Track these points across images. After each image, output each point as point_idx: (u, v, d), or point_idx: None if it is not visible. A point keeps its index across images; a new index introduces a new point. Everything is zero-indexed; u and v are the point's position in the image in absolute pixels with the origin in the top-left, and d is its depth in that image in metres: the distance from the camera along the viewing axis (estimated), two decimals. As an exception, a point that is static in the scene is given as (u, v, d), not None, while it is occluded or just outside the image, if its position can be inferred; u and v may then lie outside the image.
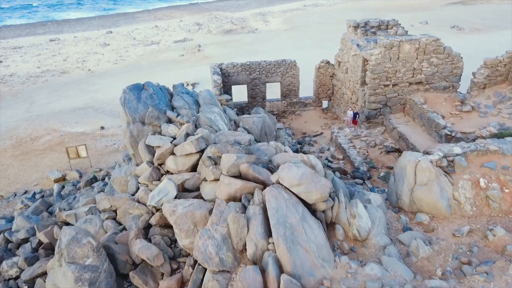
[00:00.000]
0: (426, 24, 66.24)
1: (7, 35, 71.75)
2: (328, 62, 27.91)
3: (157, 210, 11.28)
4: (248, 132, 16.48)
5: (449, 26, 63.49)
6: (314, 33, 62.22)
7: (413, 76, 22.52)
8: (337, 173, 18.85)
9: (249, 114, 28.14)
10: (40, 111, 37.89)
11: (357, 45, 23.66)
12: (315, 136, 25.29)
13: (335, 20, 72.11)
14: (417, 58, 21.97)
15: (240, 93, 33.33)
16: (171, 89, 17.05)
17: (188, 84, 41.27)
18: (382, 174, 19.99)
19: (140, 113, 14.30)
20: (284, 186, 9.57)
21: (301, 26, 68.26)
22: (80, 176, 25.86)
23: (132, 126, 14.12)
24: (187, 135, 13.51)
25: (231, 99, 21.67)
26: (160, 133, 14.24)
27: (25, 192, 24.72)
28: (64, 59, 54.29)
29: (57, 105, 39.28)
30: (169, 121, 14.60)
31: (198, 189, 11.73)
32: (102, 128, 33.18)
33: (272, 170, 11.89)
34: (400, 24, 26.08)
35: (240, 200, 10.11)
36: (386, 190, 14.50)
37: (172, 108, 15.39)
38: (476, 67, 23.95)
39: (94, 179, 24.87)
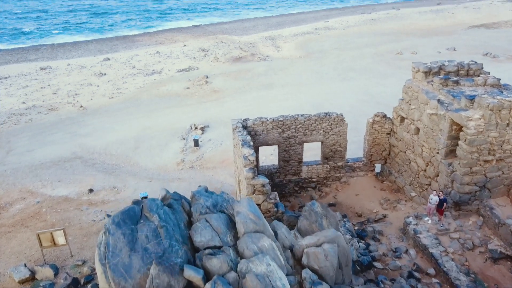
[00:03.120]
0: (454, 51, 60.37)
1: (-5, 62, 65.75)
2: (384, 116, 21.37)
3: None
4: (319, 277, 9.73)
5: (481, 53, 57.48)
6: (332, 61, 56.13)
7: (525, 148, 15.96)
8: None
9: (281, 185, 21.51)
10: (17, 163, 31.19)
11: (438, 100, 17.14)
12: (376, 221, 18.53)
13: (353, 45, 66.24)
14: (533, 124, 15.44)
15: (268, 153, 26.91)
16: (188, 197, 10.41)
17: (196, 128, 34.71)
18: (505, 308, 13.13)
19: (135, 277, 7.58)
20: None
21: (317, 53, 62.26)
22: (56, 274, 19.00)
23: (120, 308, 7.37)
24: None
25: (268, 183, 15.05)
26: (172, 314, 7.48)
27: (-23, 303, 17.84)
28: (54, 92, 47.90)
29: (39, 154, 32.60)
30: (189, 285, 7.86)
31: None
32: (91, 191, 26.42)
33: None
34: (482, 68, 19.72)
35: None
36: None
37: (193, 248, 8.67)
38: None
39: (74, 284, 18.04)
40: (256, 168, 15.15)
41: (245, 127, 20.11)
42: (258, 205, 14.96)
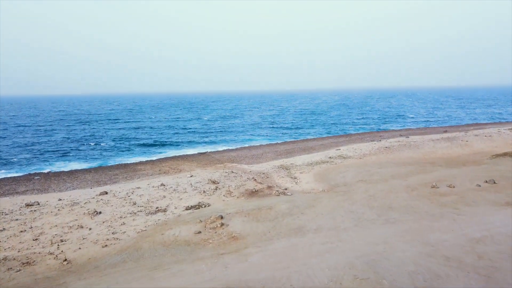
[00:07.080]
0: (495, 184, 54.00)
1: (-23, 195, 58.10)
2: None
3: None
4: None
5: (527, 187, 51.12)
6: (363, 197, 49.03)
7: None
8: None
9: None
10: None
11: None
12: None
13: (378, 177, 60.30)
14: None
15: None
16: None
17: (217, 301, 25.31)
18: None
19: None
20: None
21: (341, 186, 55.69)
22: None
23: None
24: None
25: None
26: None
27: None
28: (35, 238, 39.08)
29: None
30: None
31: None
32: None
33: None
34: None
35: None
36: None
37: None
38: None
39: None
40: None
41: None
42: None
